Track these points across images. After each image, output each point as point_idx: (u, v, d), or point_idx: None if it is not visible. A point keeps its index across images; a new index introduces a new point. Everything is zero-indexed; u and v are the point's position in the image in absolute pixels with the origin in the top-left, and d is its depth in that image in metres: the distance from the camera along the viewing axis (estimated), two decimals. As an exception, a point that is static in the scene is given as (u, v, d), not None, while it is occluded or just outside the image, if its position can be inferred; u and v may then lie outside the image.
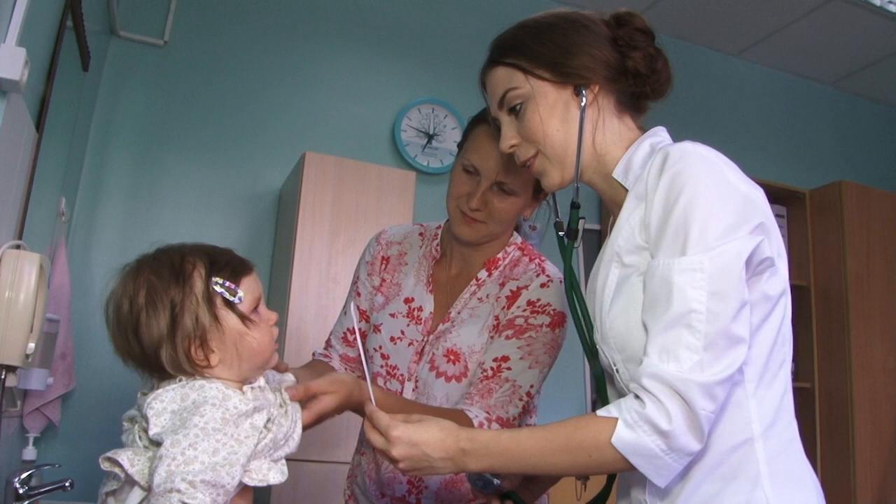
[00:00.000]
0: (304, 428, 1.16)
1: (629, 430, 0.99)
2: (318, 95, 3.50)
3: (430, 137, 3.60)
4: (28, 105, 1.69)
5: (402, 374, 1.53)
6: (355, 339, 1.46)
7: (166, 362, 1.01)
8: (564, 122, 1.19)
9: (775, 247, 1.08)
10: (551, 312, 1.49)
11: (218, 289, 1.03)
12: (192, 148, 3.26)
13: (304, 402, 1.19)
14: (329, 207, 2.93)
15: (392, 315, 1.56)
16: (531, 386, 1.46)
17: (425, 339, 1.53)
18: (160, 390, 1.00)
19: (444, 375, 1.49)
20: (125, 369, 1.07)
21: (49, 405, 2.55)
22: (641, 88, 1.22)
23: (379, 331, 1.56)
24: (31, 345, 1.63)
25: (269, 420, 1.05)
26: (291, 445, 1.10)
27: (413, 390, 1.53)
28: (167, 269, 1.03)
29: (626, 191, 1.16)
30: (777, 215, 3.98)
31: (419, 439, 1.10)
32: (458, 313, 1.53)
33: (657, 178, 1.07)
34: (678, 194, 1.03)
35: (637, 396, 1.01)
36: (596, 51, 1.19)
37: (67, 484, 2.08)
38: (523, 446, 1.07)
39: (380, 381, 1.56)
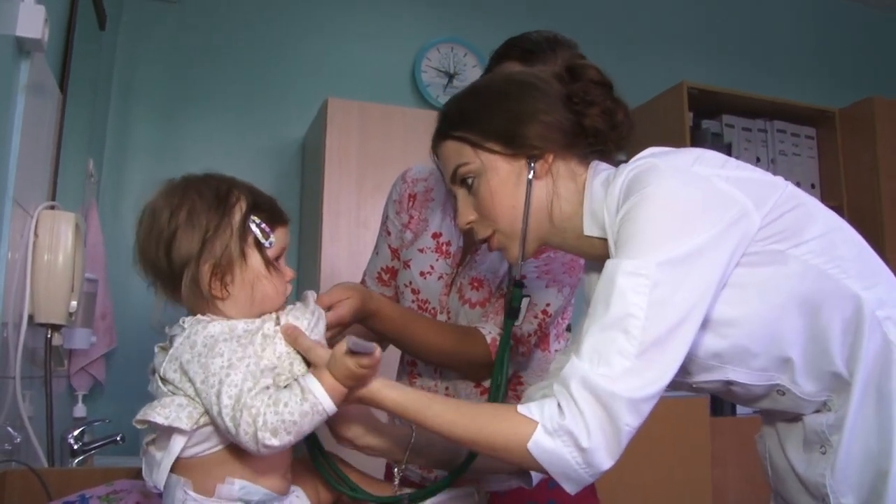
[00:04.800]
0: (327, 331, 1.16)
1: (549, 437, 0.96)
2: (335, 40, 3.47)
3: (451, 77, 3.57)
4: (50, 66, 1.69)
5: (433, 308, 1.54)
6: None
7: (185, 284, 1.01)
8: (517, 198, 1.13)
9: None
10: None
11: (254, 227, 1.04)
12: (213, 103, 3.26)
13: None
14: (354, 152, 2.92)
15: (421, 250, 1.57)
16: (548, 304, 1.47)
17: (454, 271, 1.54)
18: (167, 360, 1.00)
19: (469, 302, 1.51)
20: (163, 327, 1.07)
21: (94, 364, 2.61)
22: (602, 146, 1.16)
23: (408, 266, 1.57)
24: (73, 303, 1.66)
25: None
26: None
27: (446, 322, 1.54)
28: (212, 193, 1.04)
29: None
30: (806, 136, 3.91)
31: None
32: None
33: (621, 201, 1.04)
34: (639, 199, 1.00)
35: (558, 404, 0.97)
36: (549, 117, 1.12)
37: (119, 438, 2.15)
38: (433, 410, 1.03)
39: None
